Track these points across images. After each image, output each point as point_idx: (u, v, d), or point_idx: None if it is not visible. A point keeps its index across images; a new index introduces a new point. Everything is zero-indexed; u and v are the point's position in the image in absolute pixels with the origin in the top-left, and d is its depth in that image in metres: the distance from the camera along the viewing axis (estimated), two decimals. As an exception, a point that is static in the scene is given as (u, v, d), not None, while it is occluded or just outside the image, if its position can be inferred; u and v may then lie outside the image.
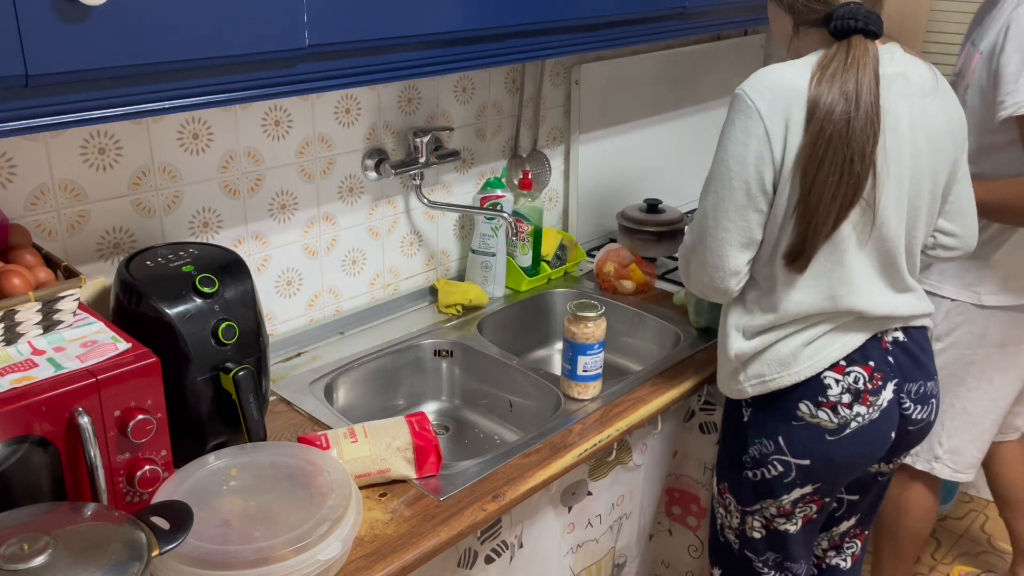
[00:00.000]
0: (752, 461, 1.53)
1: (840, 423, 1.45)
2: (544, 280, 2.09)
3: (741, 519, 1.61)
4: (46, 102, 0.98)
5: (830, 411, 1.45)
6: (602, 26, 1.68)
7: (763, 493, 1.55)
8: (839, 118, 1.31)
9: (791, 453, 1.49)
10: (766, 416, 1.50)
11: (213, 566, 1.05)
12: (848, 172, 1.32)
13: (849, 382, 1.45)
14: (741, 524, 1.62)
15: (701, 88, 2.59)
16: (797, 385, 1.45)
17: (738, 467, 1.56)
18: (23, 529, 0.95)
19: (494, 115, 2.03)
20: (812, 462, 1.48)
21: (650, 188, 2.48)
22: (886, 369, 1.47)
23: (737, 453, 1.56)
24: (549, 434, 1.49)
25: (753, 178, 1.36)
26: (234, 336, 1.29)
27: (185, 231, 1.54)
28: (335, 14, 1.20)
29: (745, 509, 1.59)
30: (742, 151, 1.36)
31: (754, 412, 1.52)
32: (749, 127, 1.35)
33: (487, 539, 1.40)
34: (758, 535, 1.60)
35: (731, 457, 1.59)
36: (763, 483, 1.53)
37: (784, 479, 1.51)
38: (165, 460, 1.17)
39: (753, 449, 1.52)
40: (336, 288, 1.82)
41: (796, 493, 1.52)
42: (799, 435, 1.48)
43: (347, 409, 1.67)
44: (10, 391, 1.03)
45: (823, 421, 1.46)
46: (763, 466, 1.52)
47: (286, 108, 1.61)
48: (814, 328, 1.45)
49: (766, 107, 1.34)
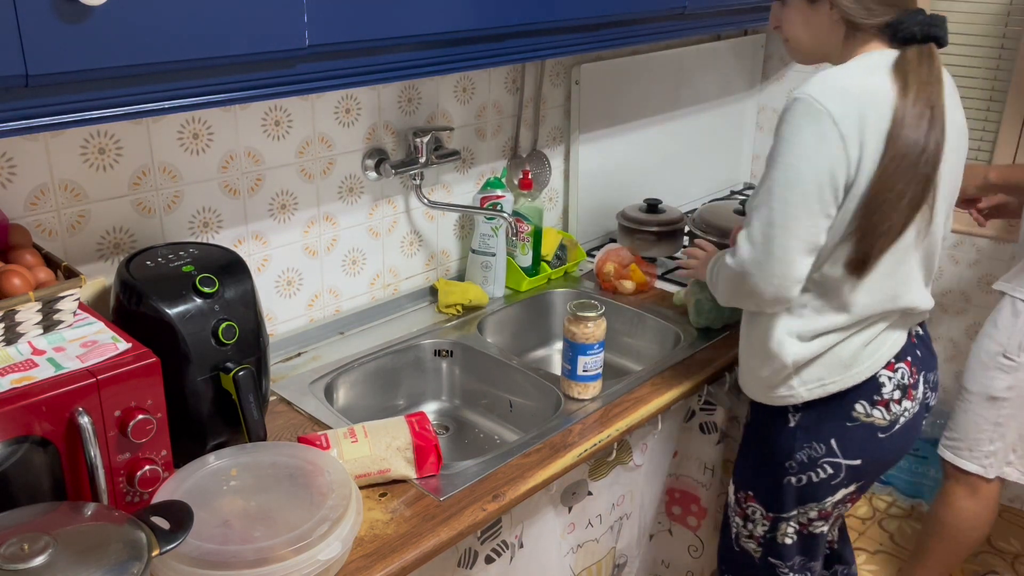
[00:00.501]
0: (799, 466, 1.52)
1: (891, 420, 1.48)
2: (544, 280, 2.09)
3: (771, 526, 1.60)
4: (46, 102, 0.98)
5: (883, 409, 1.48)
6: (602, 26, 1.68)
7: (806, 498, 1.54)
8: (923, 129, 1.32)
9: (843, 455, 1.49)
10: (819, 419, 1.50)
11: (213, 566, 1.05)
12: (922, 178, 1.33)
13: (898, 379, 1.48)
14: (770, 531, 1.60)
15: (701, 88, 2.59)
16: (854, 385, 1.47)
17: (772, 474, 1.55)
18: (23, 529, 0.95)
19: (494, 115, 2.03)
20: (863, 462, 1.50)
21: (650, 188, 2.48)
22: (918, 363, 1.51)
23: (774, 460, 1.54)
24: (549, 434, 1.49)
25: (827, 183, 1.32)
26: (234, 336, 1.29)
27: (185, 231, 1.54)
28: (335, 14, 1.20)
29: (779, 516, 1.58)
30: (814, 156, 1.31)
31: (804, 416, 1.50)
32: (822, 132, 1.30)
33: (487, 539, 1.40)
34: (790, 540, 1.60)
35: (762, 464, 1.57)
36: (808, 487, 1.53)
37: (832, 481, 1.51)
38: (165, 460, 1.17)
39: (801, 454, 1.51)
40: (336, 288, 1.82)
41: (840, 494, 1.53)
42: (853, 436, 1.49)
43: (347, 409, 1.67)
44: (10, 391, 1.03)
45: (876, 420, 1.48)
46: (811, 470, 1.51)
47: (286, 108, 1.61)
48: (873, 327, 1.46)
49: (839, 112, 1.30)
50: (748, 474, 1.62)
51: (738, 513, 1.65)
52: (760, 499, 1.60)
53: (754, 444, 1.61)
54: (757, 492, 1.60)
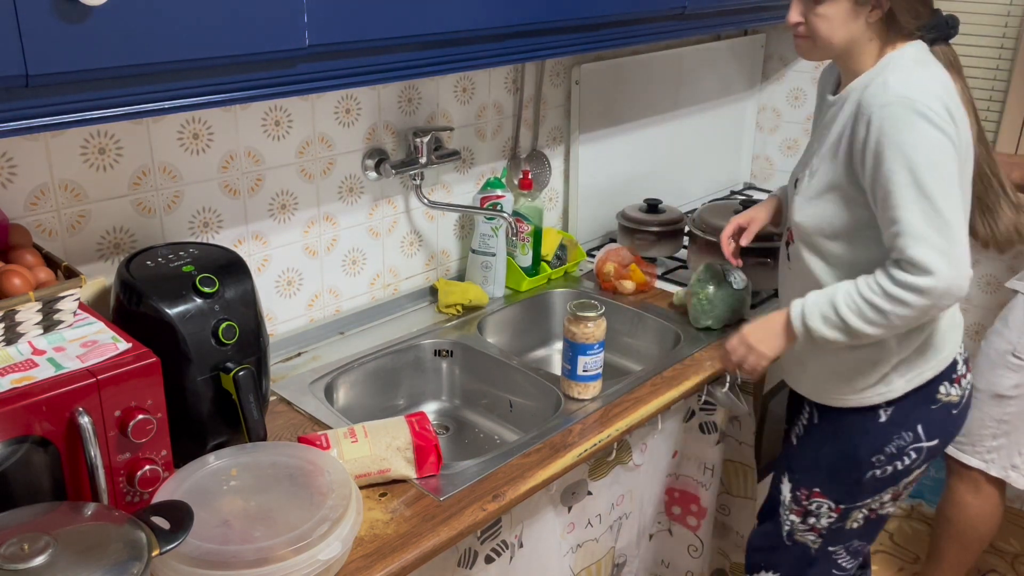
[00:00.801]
0: (887, 458, 1.54)
1: (960, 395, 1.55)
2: (544, 280, 2.09)
3: (840, 516, 1.61)
4: (46, 102, 0.98)
5: (958, 386, 1.54)
6: (602, 26, 1.68)
7: (885, 485, 1.57)
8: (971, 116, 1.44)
9: (926, 437, 1.53)
10: (909, 409, 1.53)
11: (213, 566, 1.05)
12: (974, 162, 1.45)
13: (964, 355, 1.57)
14: (838, 521, 1.61)
15: (701, 88, 2.59)
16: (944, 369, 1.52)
17: (853, 470, 1.56)
18: (23, 529, 0.95)
19: (494, 115, 2.03)
20: (940, 441, 1.55)
21: (650, 188, 2.48)
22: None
23: (857, 457, 1.55)
24: (549, 434, 1.50)
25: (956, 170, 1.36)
26: (234, 336, 1.29)
27: (185, 231, 1.54)
28: (335, 14, 1.20)
29: (851, 506, 1.59)
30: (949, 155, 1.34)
31: (896, 409, 1.53)
32: (945, 130, 1.34)
33: (487, 539, 1.40)
34: (856, 525, 1.62)
35: (840, 463, 1.57)
36: (890, 476, 1.55)
37: (912, 464, 1.55)
38: (165, 460, 1.17)
39: (891, 446, 1.53)
40: (336, 288, 1.82)
41: (915, 474, 1.57)
42: (935, 418, 1.53)
43: (347, 409, 1.67)
44: (10, 391, 1.03)
45: (952, 398, 1.53)
46: (898, 460, 1.54)
47: (286, 108, 1.61)
48: (952, 310, 1.52)
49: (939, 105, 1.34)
50: (818, 475, 1.61)
51: (795, 511, 1.65)
52: (831, 495, 1.60)
53: (828, 445, 1.60)
54: (828, 489, 1.60)
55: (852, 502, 1.59)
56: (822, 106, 1.59)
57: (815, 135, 1.57)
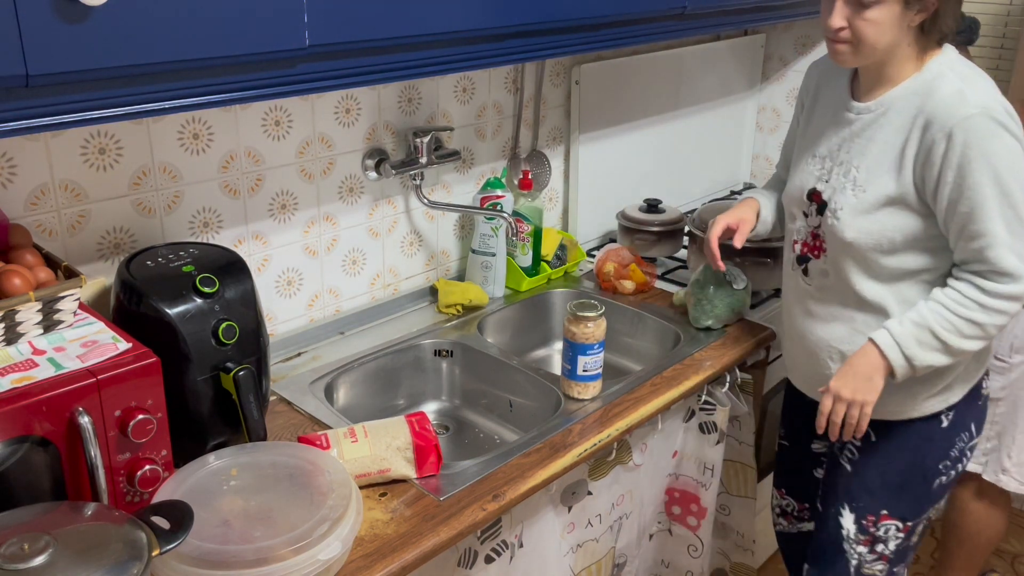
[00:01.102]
0: (952, 462, 1.54)
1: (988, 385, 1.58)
2: (544, 280, 2.09)
3: (907, 535, 1.58)
4: (46, 102, 0.98)
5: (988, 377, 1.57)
6: (602, 26, 1.68)
7: (947, 489, 1.57)
8: None
9: (977, 433, 1.55)
10: (964, 409, 1.53)
11: (213, 566, 1.05)
12: None
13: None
14: (904, 540, 1.59)
15: (701, 88, 2.59)
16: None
17: (923, 482, 1.54)
18: (23, 529, 0.95)
19: (494, 115, 2.03)
20: (980, 433, 1.57)
21: (650, 188, 2.48)
22: None
23: (925, 467, 1.54)
24: (549, 434, 1.50)
25: None
26: (234, 336, 1.29)
27: (185, 231, 1.54)
28: (335, 14, 1.20)
29: (917, 520, 1.58)
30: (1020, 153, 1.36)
31: (956, 413, 1.53)
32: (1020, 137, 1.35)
33: (487, 539, 1.40)
34: (916, 539, 1.61)
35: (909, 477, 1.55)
36: (953, 478, 1.56)
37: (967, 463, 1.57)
38: (165, 460, 1.17)
39: (955, 450, 1.53)
40: (336, 288, 1.82)
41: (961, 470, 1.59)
42: (981, 412, 1.56)
43: (347, 409, 1.67)
44: (10, 391, 1.03)
45: (988, 391, 1.57)
46: (960, 461, 1.55)
47: (286, 108, 1.61)
48: None
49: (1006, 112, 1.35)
50: (884, 495, 1.56)
51: (862, 542, 1.59)
52: (897, 513, 1.56)
53: (895, 460, 1.56)
54: (894, 508, 1.56)
55: (917, 516, 1.57)
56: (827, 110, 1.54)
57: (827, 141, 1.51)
